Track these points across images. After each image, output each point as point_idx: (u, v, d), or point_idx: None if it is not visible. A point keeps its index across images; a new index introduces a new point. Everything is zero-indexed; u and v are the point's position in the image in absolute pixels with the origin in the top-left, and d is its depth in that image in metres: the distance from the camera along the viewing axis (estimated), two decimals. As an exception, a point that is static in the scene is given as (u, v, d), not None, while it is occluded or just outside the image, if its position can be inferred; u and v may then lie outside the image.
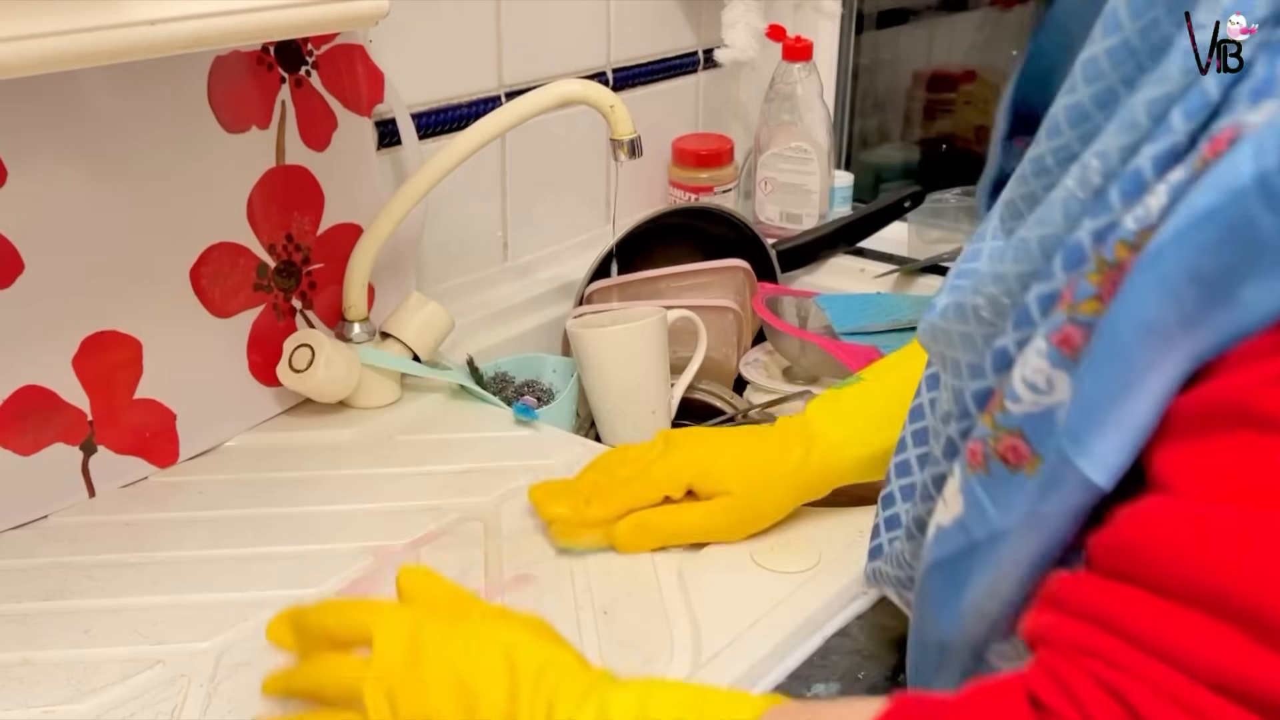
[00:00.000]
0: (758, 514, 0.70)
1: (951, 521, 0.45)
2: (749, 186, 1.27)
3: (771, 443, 0.71)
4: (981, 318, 0.45)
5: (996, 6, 1.57)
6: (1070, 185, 0.40)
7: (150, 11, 0.61)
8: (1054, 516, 0.39)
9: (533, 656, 0.48)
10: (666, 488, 0.69)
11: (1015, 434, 0.41)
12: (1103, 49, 0.40)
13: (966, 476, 0.43)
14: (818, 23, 1.33)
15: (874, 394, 0.71)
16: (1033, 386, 0.40)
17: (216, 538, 0.73)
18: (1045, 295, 0.40)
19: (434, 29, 0.97)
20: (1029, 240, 0.42)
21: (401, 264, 0.95)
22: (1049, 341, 0.39)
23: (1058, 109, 0.42)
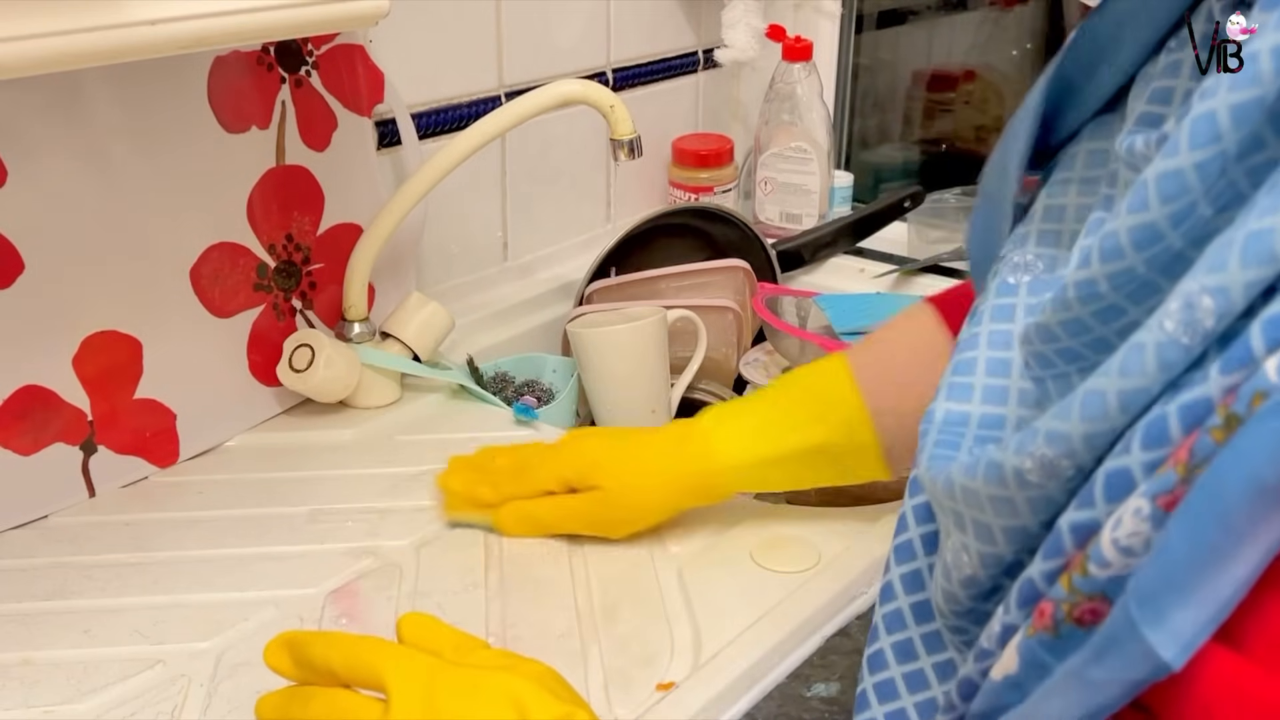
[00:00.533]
0: (630, 510, 0.70)
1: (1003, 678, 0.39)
2: (749, 186, 1.28)
3: (657, 442, 0.71)
4: (1026, 480, 0.38)
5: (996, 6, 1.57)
6: (1170, 329, 0.33)
7: (150, 11, 0.61)
8: (1107, 685, 0.34)
9: (546, 709, 0.47)
10: (548, 481, 0.70)
11: (1097, 598, 0.35)
12: (1190, 162, 0.34)
13: (1027, 636, 0.37)
14: (818, 23, 1.33)
15: (769, 401, 0.70)
16: (1126, 550, 0.34)
17: (216, 538, 0.73)
18: (1154, 462, 0.34)
19: (434, 29, 0.97)
20: (1104, 394, 0.35)
21: (401, 264, 0.95)
22: (1154, 503, 0.33)
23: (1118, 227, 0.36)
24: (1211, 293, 0.32)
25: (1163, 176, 0.34)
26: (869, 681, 0.52)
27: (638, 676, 0.61)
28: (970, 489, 0.40)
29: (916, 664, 0.50)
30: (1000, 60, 1.57)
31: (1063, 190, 0.47)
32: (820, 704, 0.61)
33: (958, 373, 0.47)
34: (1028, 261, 0.47)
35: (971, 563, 0.42)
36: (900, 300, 1.11)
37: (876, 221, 1.20)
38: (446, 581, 0.69)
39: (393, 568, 0.70)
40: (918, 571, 0.51)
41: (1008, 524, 0.40)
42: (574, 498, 0.70)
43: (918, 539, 0.51)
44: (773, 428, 0.69)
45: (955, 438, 0.46)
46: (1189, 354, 0.33)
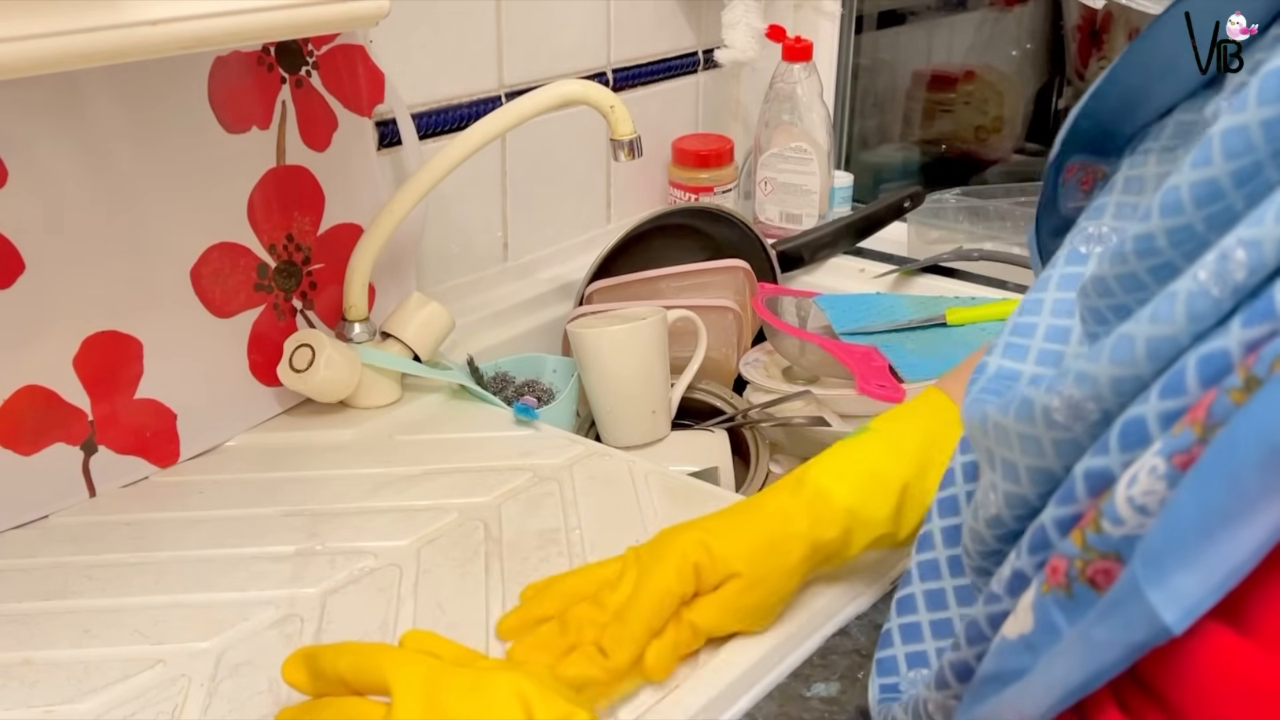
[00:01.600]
0: (772, 593, 0.61)
1: (1017, 637, 0.38)
2: (749, 186, 1.28)
3: (773, 507, 0.62)
4: (1053, 420, 0.38)
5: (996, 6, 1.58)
6: (1202, 279, 0.33)
7: (150, 11, 0.61)
8: (1107, 646, 0.33)
9: (550, 708, 0.47)
10: (677, 591, 0.59)
11: (1111, 557, 0.34)
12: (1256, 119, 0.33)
13: (1041, 594, 0.37)
14: (818, 23, 1.33)
15: (881, 441, 0.64)
16: (1141, 509, 0.33)
17: (216, 538, 0.73)
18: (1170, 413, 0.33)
19: (434, 29, 0.98)
20: (1134, 340, 0.34)
21: (402, 264, 0.95)
22: (1170, 462, 0.32)
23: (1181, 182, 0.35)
24: (1246, 245, 0.31)
25: (1228, 132, 0.33)
26: (895, 622, 0.52)
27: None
28: (1001, 425, 0.40)
29: (945, 613, 0.51)
30: (1000, 60, 1.57)
31: (1143, 160, 0.47)
32: (820, 704, 0.61)
33: (1016, 334, 0.46)
34: (1102, 233, 0.46)
35: (997, 501, 0.41)
36: (900, 300, 1.11)
37: (876, 221, 1.20)
38: (446, 582, 0.69)
39: (393, 568, 0.70)
40: (958, 526, 0.51)
41: (1033, 464, 0.39)
42: (717, 598, 0.60)
43: (963, 495, 0.51)
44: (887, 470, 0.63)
45: (1001, 388, 0.45)
46: (1218, 306, 0.32)
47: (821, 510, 0.62)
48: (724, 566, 0.60)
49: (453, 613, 0.66)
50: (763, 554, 0.60)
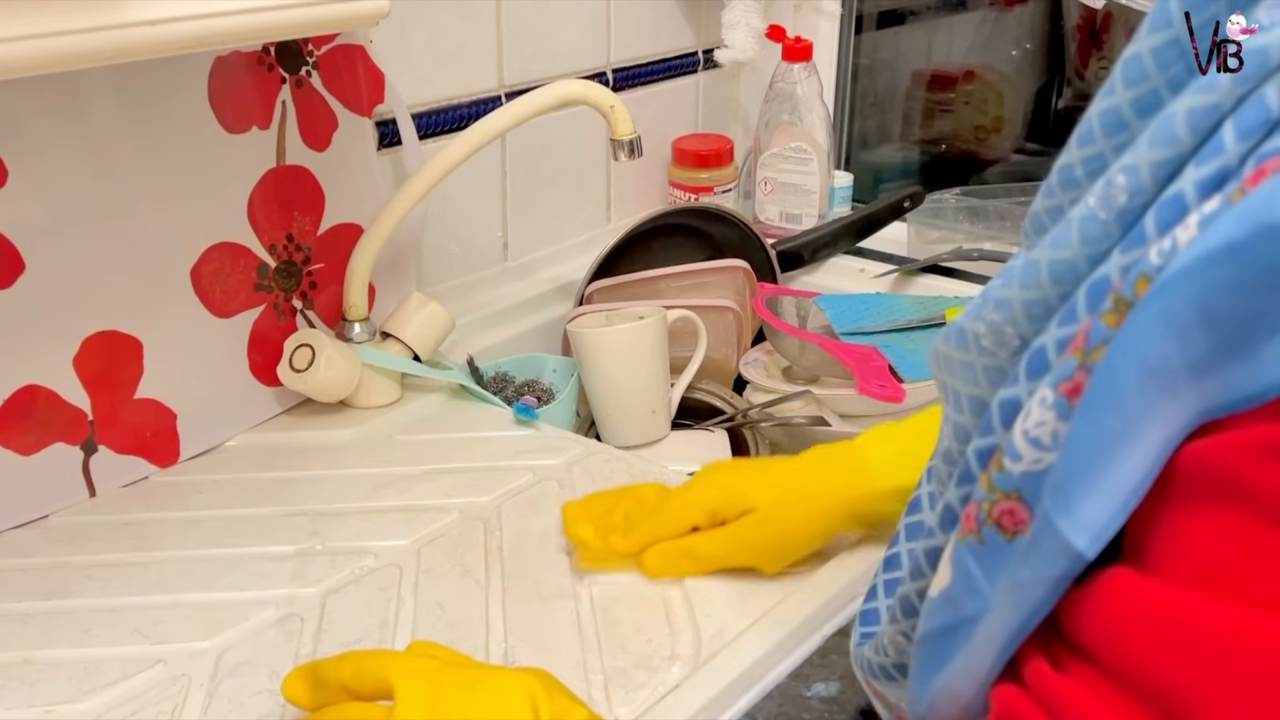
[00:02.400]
0: (789, 534, 0.64)
1: (939, 593, 0.39)
2: (749, 186, 1.28)
3: (807, 463, 0.66)
4: (982, 346, 0.39)
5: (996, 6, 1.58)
6: (1091, 203, 0.34)
7: (150, 11, 0.61)
8: (1033, 584, 0.34)
9: (554, 704, 0.47)
10: (692, 516, 0.64)
11: (1013, 496, 0.35)
12: (1148, 46, 0.34)
13: (957, 543, 0.38)
14: (817, 23, 1.33)
15: (928, 425, 0.65)
16: (1035, 442, 0.34)
17: (216, 538, 0.73)
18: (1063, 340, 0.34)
19: (434, 29, 0.98)
20: (1039, 264, 0.36)
21: (402, 264, 0.95)
22: (1056, 391, 0.33)
23: (1092, 113, 0.37)
24: (1125, 171, 0.33)
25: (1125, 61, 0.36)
26: (880, 579, 0.53)
27: (637, 676, 0.61)
28: (946, 354, 0.42)
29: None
30: (1000, 60, 1.57)
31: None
32: (820, 704, 0.61)
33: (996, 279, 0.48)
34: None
35: (948, 433, 0.43)
36: (900, 300, 1.11)
37: (876, 221, 1.20)
38: (446, 581, 0.69)
39: (393, 568, 0.70)
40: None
41: (971, 392, 0.40)
42: (726, 528, 0.64)
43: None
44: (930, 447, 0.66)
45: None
46: (1106, 230, 0.34)
47: (857, 471, 0.64)
48: (742, 502, 0.63)
49: (453, 613, 0.66)
50: (786, 495, 0.64)
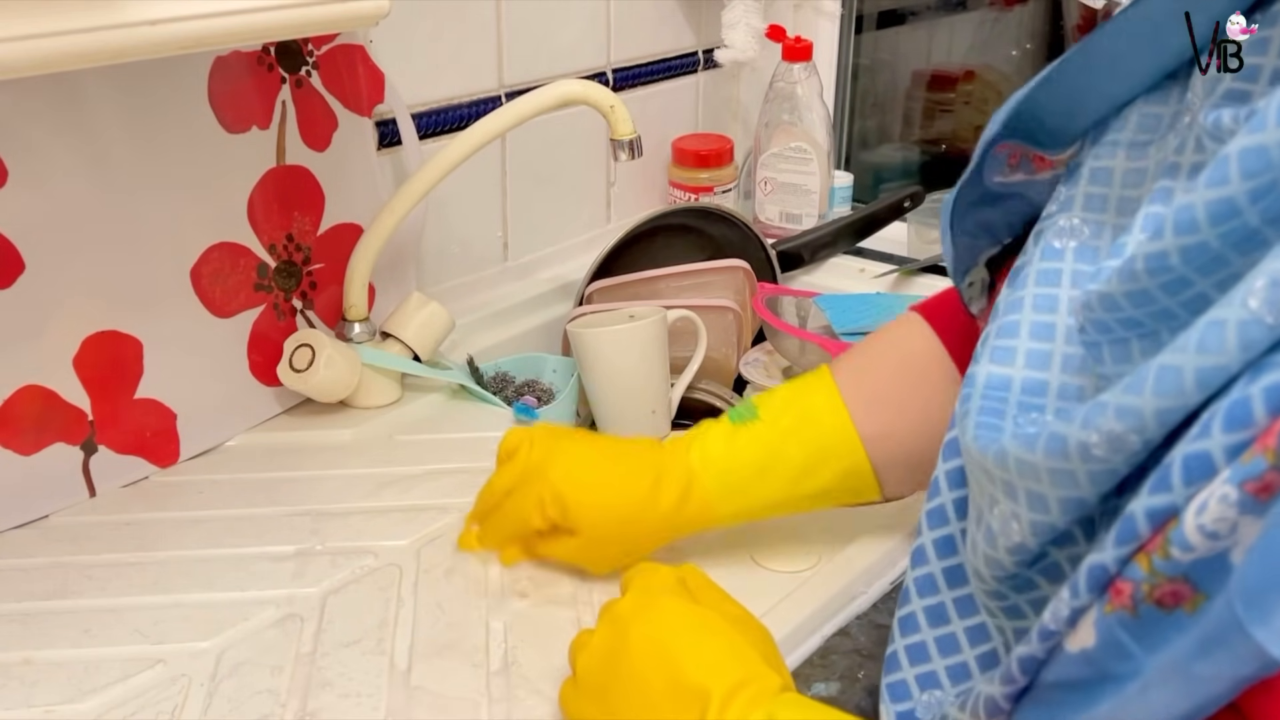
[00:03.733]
0: (610, 555, 0.67)
1: (1078, 651, 0.39)
2: (749, 186, 1.28)
3: (646, 484, 0.65)
4: (1092, 455, 0.38)
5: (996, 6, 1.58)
6: (1254, 306, 0.33)
7: (150, 11, 0.61)
8: (1213, 680, 0.34)
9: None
10: (534, 522, 0.66)
11: (1178, 580, 0.35)
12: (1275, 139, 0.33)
13: (1104, 613, 0.37)
14: (818, 23, 1.33)
15: (763, 446, 0.66)
16: (1212, 535, 0.33)
17: (216, 538, 0.73)
18: (1237, 445, 0.33)
19: (434, 29, 0.98)
20: (1180, 370, 0.34)
21: (402, 264, 0.95)
22: (1242, 489, 0.33)
23: (1195, 199, 0.35)
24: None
25: (1245, 151, 0.34)
26: (900, 644, 0.52)
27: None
28: (1027, 461, 0.40)
29: (949, 628, 0.51)
30: (1000, 60, 1.57)
31: (1110, 152, 0.47)
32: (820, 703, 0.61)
33: (1001, 335, 0.47)
34: (1074, 226, 0.47)
35: (1022, 531, 0.42)
36: (900, 300, 1.11)
37: (876, 221, 1.20)
38: (447, 581, 0.69)
39: (393, 568, 0.70)
40: (950, 537, 0.51)
41: (1066, 495, 0.39)
42: (556, 542, 0.67)
43: (950, 504, 0.51)
44: (770, 477, 0.65)
45: (998, 404, 0.46)
46: (1273, 334, 0.32)
47: (689, 499, 0.65)
48: (571, 523, 0.65)
49: (453, 613, 0.66)
50: (608, 524, 0.65)
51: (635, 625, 0.52)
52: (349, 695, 0.59)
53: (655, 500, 0.65)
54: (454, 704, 0.59)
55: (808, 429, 0.65)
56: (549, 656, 0.62)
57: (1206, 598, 0.34)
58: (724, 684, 0.48)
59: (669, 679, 0.49)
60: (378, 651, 0.62)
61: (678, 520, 0.65)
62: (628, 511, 0.65)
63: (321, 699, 0.59)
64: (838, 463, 0.65)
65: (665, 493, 0.65)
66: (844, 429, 0.64)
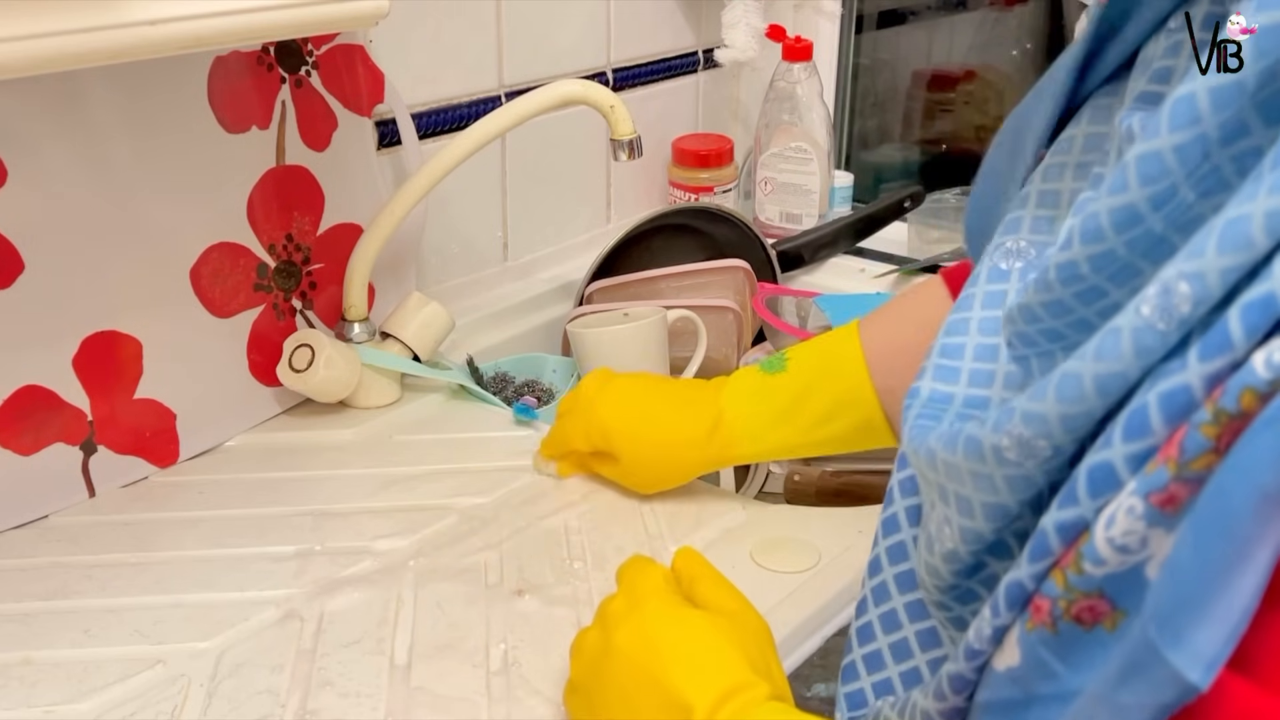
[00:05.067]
0: (648, 478, 0.76)
1: (1004, 670, 0.39)
2: (749, 186, 1.28)
3: (674, 414, 0.74)
4: (1004, 458, 0.38)
5: (996, 6, 1.58)
6: (1146, 313, 0.33)
7: (150, 11, 0.61)
8: (1136, 709, 0.33)
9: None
10: (580, 445, 0.76)
11: (1094, 595, 0.35)
12: (1170, 144, 0.33)
13: (1026, 631, 0.37)
14: (818, 23, 1.33)
15: (788, 391, 0.71)
16: (1123, 548, 0.33)
17: (216, 538, 0.73)
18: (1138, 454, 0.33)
19: (434, 29, 0.97)
20: (1080, 377, 0.35)
21: (401, 264, 0.95)
22: (1147, 501, 0.32)
23: (1099, 208, 0.36)
24: (1188, 278, 0.32)
25: (1142, 158, 0.34)
26: (858, 653, 0.52)
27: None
28: (951, 463, 0.41)
29: (901, 633, 0.51)
30: (1000, 60, 1.57)
31: (1059, 174, 0.47)
32: (820, 704, 0.61)
33: (944, 355, 0.47)
34: (1020, 248, 0.47)
35: (953, 536, 0.42)
36: (900, 300, 1.11)
37: (876, 221, 1.20)
38: (447, 581, 0.69)
39: (393, 568, 0.70)
40: (902, 543, 0.51)
41: (987, 500, 0.40)
42: (603, 462, 0.76)
43: (902, 511, 0.51)
44: (790, 422, 0.71)
45: (938, 412, 0.46)
46: (1165, 340, 0.33)
47: (716, 433, 0.72)
48: (612, 448, 0.75)
49: (452, 613, 0.66)
50: (643, 449, 0.74)
51: (619, 633, 0.52)
52: (349, 695, 0.59)
53: (688, 433, 0.73)
54: (454, 704, 0.59)
55: (828, 382, 0.70)
56: (549, 657, 0.62)
57: (1125, 614, 0.34)
58: (708, 696, 0.47)
59: (652, 690, 0.49)
60: (378, 651, 0.62)
61: (706, 454, 0.73)
62: (661, 443, 0.74)
63: (321, 699, 0.59)
64: (854, 414, 0.69)
65: (697, 427, 0.73)
66: (861, 384, 0.69)
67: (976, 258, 0.53)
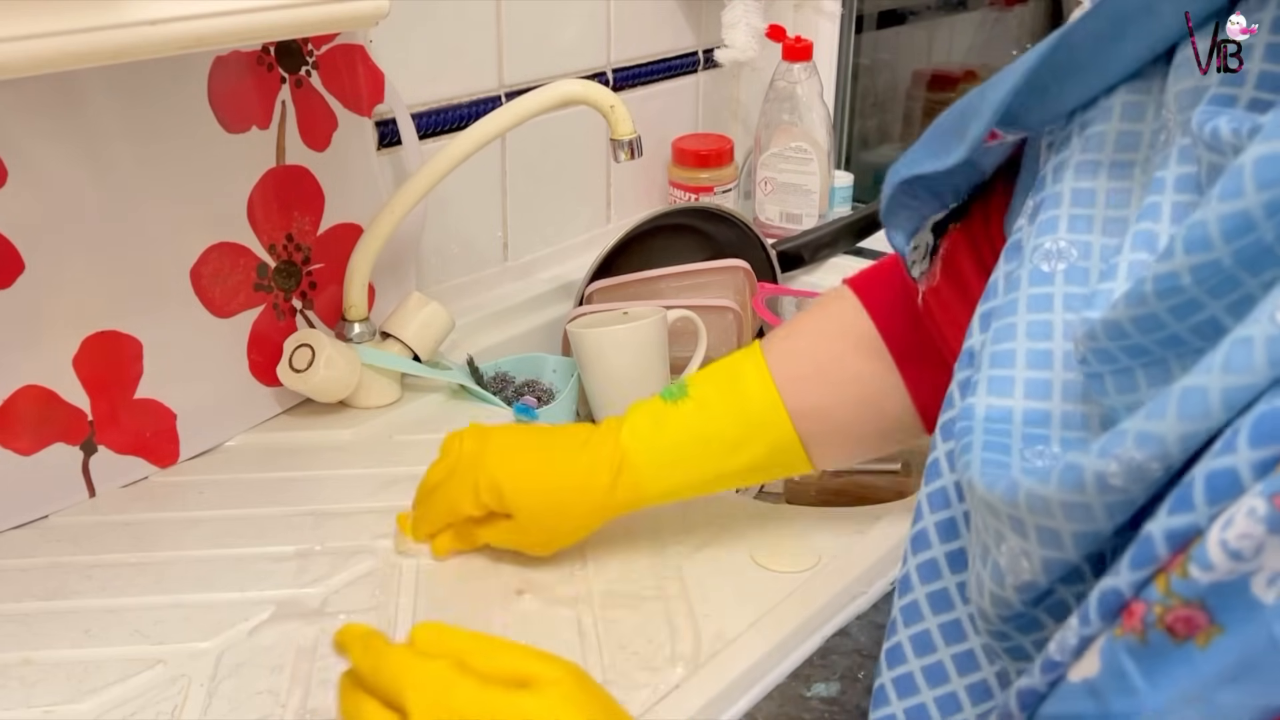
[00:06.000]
0: (546, 536, 0.69)
1: (1081, 680, 0.37)
2: (749, 186, 1.28)
3: (580, 465, 0.67)
4: (1109, 486, 0.36)
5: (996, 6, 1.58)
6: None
7: (150, 11, 0.61)
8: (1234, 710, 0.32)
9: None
10: (469, 509, 0.68)
11: (1194, 605, 0.33)
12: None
13: (1113, 638, 0.35)
14: (818, 23, 1.33)
15: (692, 421, 0.67)
16: (1235, 554, 0.31)
17: (216, 538, 0.73)
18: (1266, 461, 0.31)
19: (434, 29, 0.97)
20: (1206, 391, 0.32)
21: (401, 264, 0.95)
22: (1271, 503, 0.31)
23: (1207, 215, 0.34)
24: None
25: (1262, 160, 0.32)
26: (887, 676, 0.50)
27: (638, 677, 0.61)
28: (1040, 495, 0.38)
29: (935, 656, 0.49)
30: (1000, 60, 1.57)
31: (1092, 172, 0.46)
32: (820, 704, 0.61)
33: (996, 365, 0.45)
34: (1061, 249, 0.46)
35: (1033, 569, 0.40)
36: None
37: (876, 221, 1.20)
38: (447, 582, 0.69)
39: (393, 568, 0.70)
40: (933, 560, 0.50)
41: (1080, 529, 0.38)
42: (493, 527, 0.69)
43: (932, 527, 0.50)
44: (699, 452, 0.66)
45: (1003, 439, 0.44)
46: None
47: (621, 475, 0.66)
48: (506, 506, 0.66)
49: (453, 613, 0.66)
50: (543, 503, 0.67)
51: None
52: (349, 695, 0.59)
53: (588, 479, 0.66)
54: (454, 704, 0.59)
55: (736, 405, 0.66)
56: (549, 656, 0.62)
57: (1221, 631, 0.32)
58: None
59: None
60: (378, 651, 0.62)
61: (612, 498, 0.66)
62: (561, 491, 0.67)
63: (321, 699, 0.59)
64: (766, 437, 0.66)
65: (598, 471, 0.66)
66: (772, 405, 0.66)
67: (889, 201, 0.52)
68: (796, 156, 1.22)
